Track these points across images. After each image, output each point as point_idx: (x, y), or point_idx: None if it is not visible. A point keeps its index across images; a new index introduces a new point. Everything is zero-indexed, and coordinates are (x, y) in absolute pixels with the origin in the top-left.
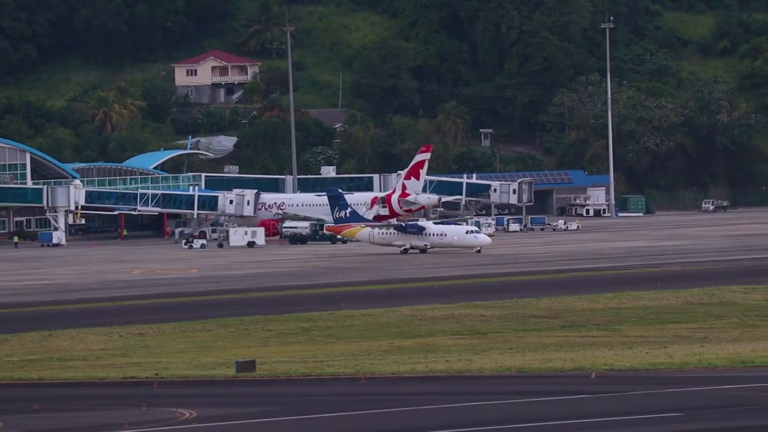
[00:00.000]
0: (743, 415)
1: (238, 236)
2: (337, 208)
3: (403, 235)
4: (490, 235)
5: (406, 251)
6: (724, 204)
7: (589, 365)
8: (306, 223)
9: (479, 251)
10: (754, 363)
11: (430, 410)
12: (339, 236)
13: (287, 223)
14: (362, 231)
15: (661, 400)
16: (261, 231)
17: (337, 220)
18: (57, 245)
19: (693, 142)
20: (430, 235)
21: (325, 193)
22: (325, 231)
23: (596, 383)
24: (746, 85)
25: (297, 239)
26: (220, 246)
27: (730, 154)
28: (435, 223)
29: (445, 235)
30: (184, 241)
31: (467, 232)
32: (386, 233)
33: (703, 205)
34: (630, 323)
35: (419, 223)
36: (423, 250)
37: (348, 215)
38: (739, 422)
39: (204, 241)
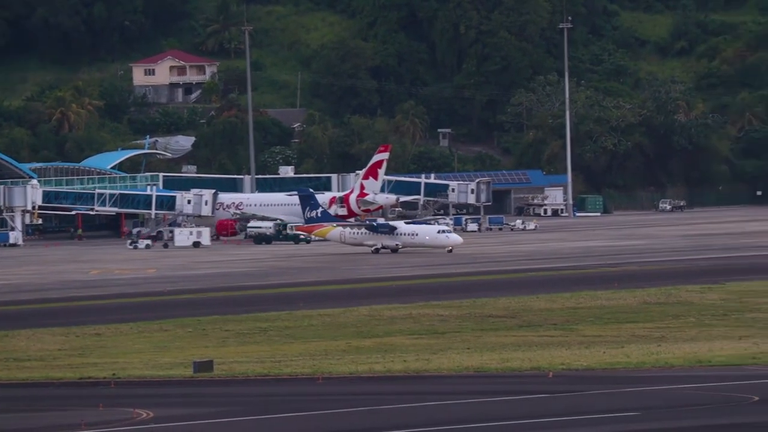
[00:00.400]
0: (700, 414)
1: (183, 236)
2: (308, 208)
3: (374, 234)
4: None
5: (377, 251)
6: (681, 204)
7: (546, 365)
8: (270, 223)
9: (451, 251)
10: (711, 362)
11: (387, 410)
12: (303, 236)
13: (252, 223)
14: (333, 231)
15: (618, 400)
16: (206, 231)
17: (308, 220)
18: (14, 245)
19: (650, 142)
20: (401, 234)
21: (287, 193)
22: (290, 231)
23: (553, 383)
24: (703, 85)
25: (262, 239)
26: (165, 246)
27: (687, 154)
28: (406, 223)
29: (417, 234)
30: (129, 241)
31: (439, 232)
32: (357, 233)
33: (660, 205)
34: (587, 323)
35: (390, 222)
36: (394, 250)
37: (319, 215)
38: (696, 421)
39: (149, 242)
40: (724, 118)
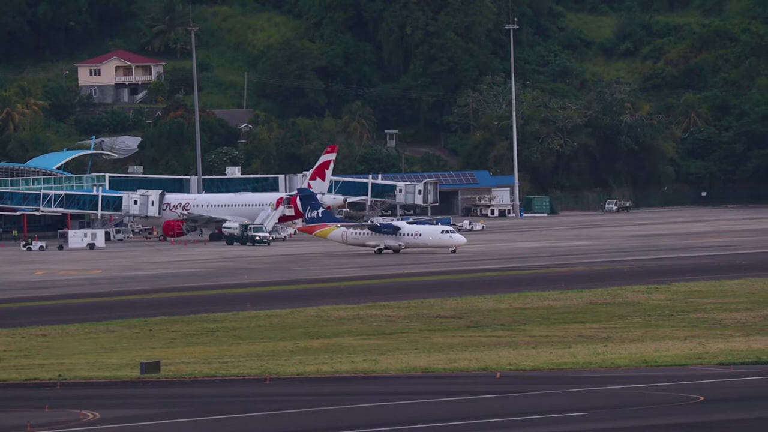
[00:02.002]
0: (646, 414)
1: (77, 238)
2: (309, 208)
3: (377, 235)
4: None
5: (380, 251)
6: (627, 204)
7: (494, 365)
8: (236, 224)
9: (454, 251)
10: (657, 362)
11: (335, 411)
12: (258, 237)
13: (227, 224)
14: (335, 231)
15: (564, 400)
16: (101, 233)
17: (309, 220)
18: None
19: (596, 143)
20: (404, 235)
21: (233, 193)
22: (249, 233)
23: (501, 383)
24: (648, 86)
25: (233, 239)
26: (60, 248)
27: (632, 154)
28: (409, 223)
29: (420, 235)
30: (22, 243)
31: (442, 232)
32: (360, 233)
33: (607, 206)
34: (534, 323)
35: (394, 223)
36: (396, 250)
37: (320, 215)
38: (642, 421)
39: (43, 243)
40: (669, 119)
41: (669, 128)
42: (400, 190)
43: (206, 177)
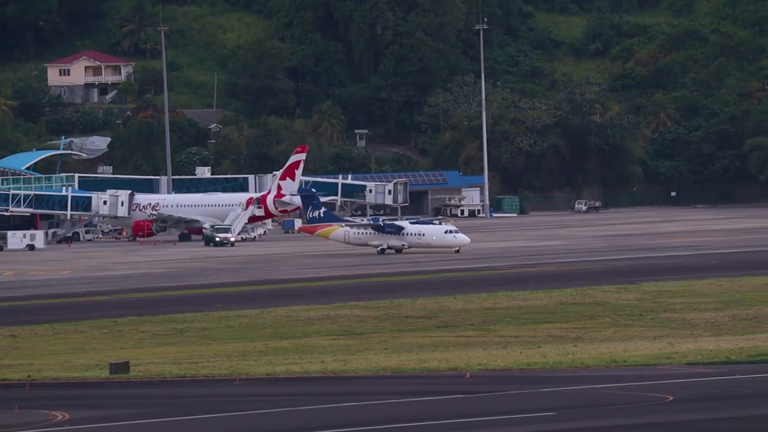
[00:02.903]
0: (615, 414)
1: (16, 239)
2: (310, 208)
3: (380, 235)
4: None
5: (383, 251)
6: (597, 204)
7: (464, 365)
8: (207, 224)
9: (458, 251)
10: (626, 362)
11: (305, 411)
12: (218, 238)
13: (205, 225)
14: (337, 231)
15: (534, 400)
16: (40, 234)
17: (310, 220)
18: None
19: (566, 143)
20: (408, 235)
21: (203, 193)
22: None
23: (471, 383)
24: (618, 86)
25: (209, 240)
26: (0, 249)
27: (602, 155)
28: (412, 223)
29: (424, 234)
30: None
31: (446, 232)
32: (362, 233)
33: (576, 206)
34: (504, 323)
35: (397, 223)
36: (399, 250)
37: (322, 215)
38: (612, 421)
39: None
40: (638, 120)
41: (638, 128)
42: (370, 191)
43: (176, 177)
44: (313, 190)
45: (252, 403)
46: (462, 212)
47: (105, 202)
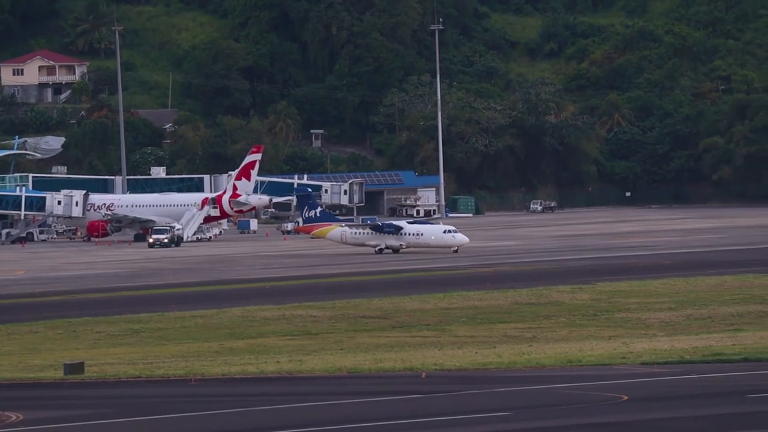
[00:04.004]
0: (571, 413)
1: None
2: (306, 208)
3: (378, 234)
4: None
5: (381, 251)
6: (552, 205)
7: (419, 365)
8: (178, 225)
9: (456, 251)
10: (581, 362)
11: (261, 411)
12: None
13: (177, 225)
14: (333, 231)
15: (490, 399)
16: None
17: (306, 220)
18: None
19: (521, 143)
20: (406, 234)
21: (158, 193)
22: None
23: (427, 383)
24: (573, 86)
25: (171, 241)
26: None
27: (557, 155)
28: (409, 223)
29: (422, 234)
30: None
31: (444, 232)
32: (360, 233)
33: (532, 206)
34: (460, 323)
35: (395, 222)
36: (396, 250)
37: (318, 215)
38: (567, 421)
39: None
40: (593, 120)
41: (593, 129)
42: (326, 191)
43: (131, 177)
44: (309, 189)
45: (208, 404)
46: (417, 212)
47: (59, 202)
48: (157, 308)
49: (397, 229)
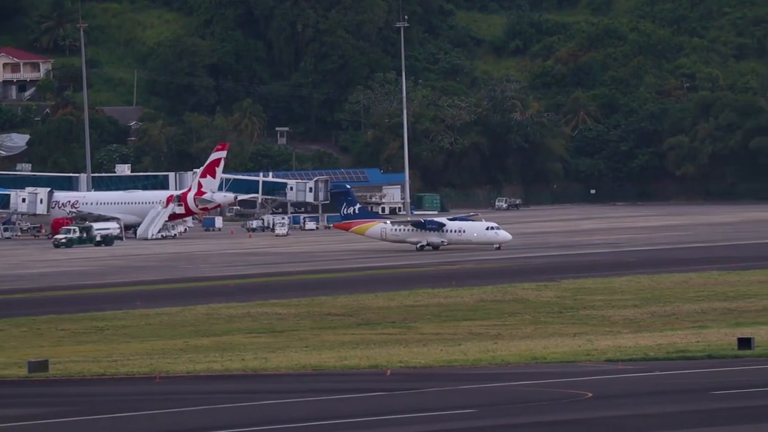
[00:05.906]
0: (536, 410)
1: None
2: (345, 204)
3: (419, 231)
4: (285, 235)
5: (422, 248)
6: (517, 202)
7: (384, 363)
8: (116, 224)
9: (499, 248)
10: (546, 359)
11: (226, 409)
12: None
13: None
14: (374, 227)
15: (455, 397)
16: None
17: (344, 217)
18: None
19: (486, 141)
20: (448, 231)
21: (123, 191)
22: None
23: (392, 380)
24: (538, 84)
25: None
26: None
27: (522, 152)
28: (449, 219)
29: (464, 231)
30: None
31: (487, 229)
32: (400, 230)
33: (497, 203)
34: (425, 321)
35: (438, 219)
36: (436, 247)
37: (357, 211)
38: (532, 417)
39: None
40: (558, 117)
41: (558, 126)
42: (291, 188)
43: (96, 175)
44: (348, 186)
45: (172, 402)
46: (383, 210)
47: (24, 200)
48: (121, 306)
49: (440, 226)
